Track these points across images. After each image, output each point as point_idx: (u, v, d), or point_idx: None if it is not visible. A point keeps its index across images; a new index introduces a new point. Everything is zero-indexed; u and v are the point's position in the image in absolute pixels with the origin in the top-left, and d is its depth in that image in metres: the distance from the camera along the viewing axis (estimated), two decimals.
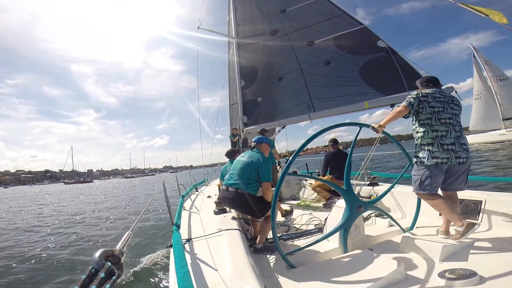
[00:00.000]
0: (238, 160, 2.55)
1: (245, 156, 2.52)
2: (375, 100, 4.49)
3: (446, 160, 1.96)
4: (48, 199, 21.74)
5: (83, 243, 6.35)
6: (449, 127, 2.00)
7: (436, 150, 1.98)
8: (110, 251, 0.61)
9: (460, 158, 1.96)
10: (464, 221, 1.89)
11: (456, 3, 2.98)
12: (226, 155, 3.98)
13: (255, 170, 2.37)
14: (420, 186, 2.07)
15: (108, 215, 10.21)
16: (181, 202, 3.41)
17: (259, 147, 2.64)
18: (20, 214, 13.01)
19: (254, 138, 2.73)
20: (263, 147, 2.65)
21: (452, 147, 1.97)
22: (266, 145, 2.68)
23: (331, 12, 5.17)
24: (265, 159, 2.45)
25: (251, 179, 2.36)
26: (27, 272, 4.62)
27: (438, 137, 1.99)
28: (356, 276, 1.54)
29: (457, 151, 1.96)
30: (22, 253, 5.76)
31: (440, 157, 1.96)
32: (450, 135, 1.98)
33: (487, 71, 25.65)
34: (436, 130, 2.01)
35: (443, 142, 1.98)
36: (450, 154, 1.96)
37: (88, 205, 15.14)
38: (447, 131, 1.99)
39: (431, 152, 1.99)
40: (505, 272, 1.47)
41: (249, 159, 2.45)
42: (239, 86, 6.21)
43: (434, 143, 1.99)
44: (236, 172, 2.44)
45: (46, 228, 8.56)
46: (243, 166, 2.42)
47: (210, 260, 1.56)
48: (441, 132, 1.99)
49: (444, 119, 2.01)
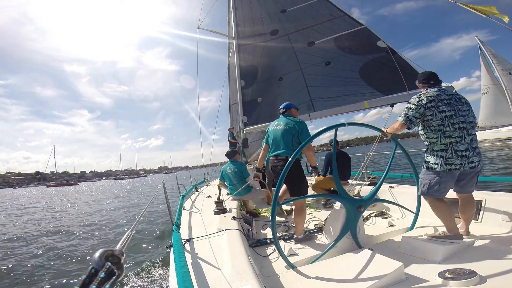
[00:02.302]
0: (275, 130, 2.57)
1: (280, 124, 2.54)
2: (375, 100, 4.49)
3: (459, 166, 1.89)
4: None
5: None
6: (463, 132, 1.88)
7: (450, 156, 1.89)
8: (110, 251, 0.61)
9: (473, 163, 1.90)
10: (457, 232, 1.97)
11: (456, 3, 2.97)
12: (226, 155, 3.98)
13: (296, 134, 2.42)
14: (428, 191, 2.02)
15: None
16: (181, 202, 3.40)
17: (289, 112, 2.69)
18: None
19: (282, 105, 2.75)
20: (293, 112, 2.71)
21: (466, 153, 1.88)
22: (294, 110, 2.75)
23: (331, 13, 5.17)
24: (300, 121, 2.52)
25: (294, 145, 2.41)
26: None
27: (452, 143, 1.89)
28: (356, 276, 1.54)
29: (470, 156, 1.89)
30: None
31: (454, 163, 1.89)
32: (464, 140, 1.88)
33: (495, 64, 23.97)
34: (449, 136, 1.89)
35: (457, 148, 1.88)
36: (463, 160, 1.88)
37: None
38: (461, 136, 1.88)
39: (445, 158, 1.90)
40: (505, 272, 1.47)
41: (286, 126, 2.48)
42: (239, 86, 6.21)
43: (448, 150, 1.90)
44: (279, 141, 2.49)
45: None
46: (284, 133, 2.46)
47: (210, 260, 1.56)
48: (455, 138, 1.88)
49: (457, 124, 1.89)
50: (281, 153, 2.47)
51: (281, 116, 2.67)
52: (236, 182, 3.59)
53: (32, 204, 18.95)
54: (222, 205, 2.91)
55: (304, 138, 2.40)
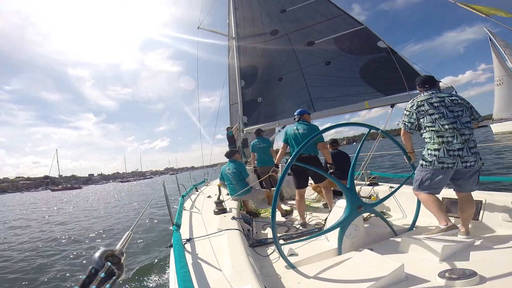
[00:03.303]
0: (295, 133, 3.06)
1: (299, 129, 3.06)
2: (375, 100, 4.49)
3: (452, 165, 1.96)
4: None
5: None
6: (454, 132, 1.96)
7: (443, 156, 1.97)
8: (110, 251, 0.61)
9: (467, 163, 1.95)
10: (449, 222, 1.98)
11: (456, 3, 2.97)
12: (225, 155, 3.97)
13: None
14: (419, 186, 2.12)
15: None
16: (181, 202, 3.40)
17: (303, 118, 3.21)
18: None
19: (296, 112, 3.28)
20: (306, 117, 3.24)
21: (459, 152, 1.95)
22: (307, 115, 3.27)
23: (331, 12, 5.17)
24: (314, 126, 3.09)
25: (310, 145, 2.93)
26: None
27: (444, 142, 1.98)
28: (356, 276, 1.54)
29: (464, 156, 1.94)
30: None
31: (446, 162, 1.97)
32: (457, 140, 1.95)
33: (508, 55, 23.35)
34: (442, 136, 1.99)
35: (450, 148, 1.96)
36: (456, 159, 1.95)
37: None
38: (452, 136, 1.96)
39: (438, 157, 1.99)
40: (505, 272, 1.46)
41: (304, 131, 3.00)
42: (239, 86, 6.21)
43: (441, 149, 1.99)
44: (300, 143, 2.95)
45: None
46: (302, 136, 2.97)
47: (210, 260, 1.56)
48: (447, 138, 1.97)
49: (447, 125, 1.97)
50: (305, 152, 2.97)
51: (297, 123, 3.18)
52: (235, 182, 3.59)
53: (24, 213, 16.74)
54: (222, 205, 2.90)
55: (318, 140, 2.99)
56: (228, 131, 6.82)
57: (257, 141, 4.88)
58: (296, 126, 3.12)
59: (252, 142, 4.98)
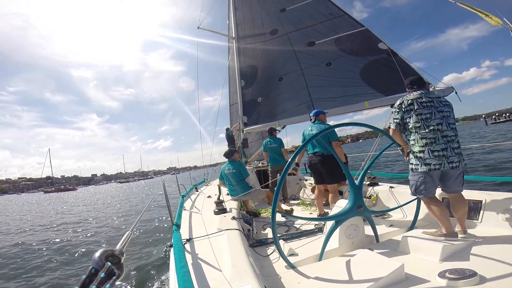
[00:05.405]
0: (311, 134, 3.20)
1: (314, 130, 3.21)
2: (375, 100, 4.51)
3: (439, 166, 1.98)
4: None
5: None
6: (437, 133, 1.99)
7: (428, 157, 2.00)
8: (110, 251, 0.61)
9: (453, 163, 1.97)
10: (451, 230, 2.00)
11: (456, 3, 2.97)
12: (224, 155, 3.96)
13: (326, 136, 3.11)
14: (416, 191, 2.14)
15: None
16: (181, 202, 3.40)
17: (319, 118, 3.35)
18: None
19: (312, 113, 3.42)
20: (321, 117, 3.36)
21: (443, 152, 1.97)
22: (323, 115, 3.38)
23: (332, 13, 5.17)
24: (326, 125, 3.22)
25: (326, 143, 3.09)
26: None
27: (428, 144, 2.00)
28: (356, 276, 1.54)
29: (449, 156, 1.97)
30: None
31: (432, 163, 1.98)
32: (439, 141, 1.98)
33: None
34: (425, 137, 2.01)
35: (434, 149, 1.98)
36: (442, 160, 1.97)
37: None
38: (435, 137, 1.99)
39: (423, 159, 2.02)
40: (505, 272, 1.46)
41: (317, 131, 3.12)
42: (239, 86, 6.21)
43: (425, 150, 2.01)
44: (315, 142, 3.21)
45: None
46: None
47: (210, 260, 1.56)
48: (430, 139, 2.00)
49: (433, 125, 2.00)
50: (318, 151, 3.22)
51: (312, 124, 3.33)
52: (235, 182, 3.59)
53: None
54: (222, 205, 2.90)
55: (332, 137, 3.14)
56: (228, 131, 6.82)
57: (269, 141, 4.88)
58: (311, 127, 3.29)
59: (264, 141, 4.98)
